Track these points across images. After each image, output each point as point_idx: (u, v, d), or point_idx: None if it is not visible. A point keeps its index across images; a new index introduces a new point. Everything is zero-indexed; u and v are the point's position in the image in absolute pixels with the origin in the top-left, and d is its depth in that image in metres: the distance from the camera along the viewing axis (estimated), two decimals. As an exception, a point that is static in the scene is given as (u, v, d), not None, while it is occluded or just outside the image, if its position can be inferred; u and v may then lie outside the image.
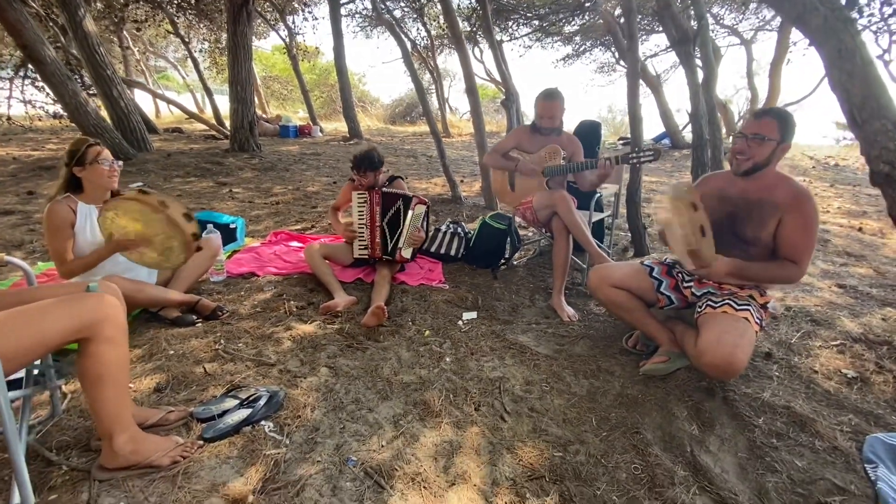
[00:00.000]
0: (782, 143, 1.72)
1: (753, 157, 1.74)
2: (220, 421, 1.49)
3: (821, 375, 1.90)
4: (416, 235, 2.63)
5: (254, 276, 2.74)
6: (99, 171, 1.97)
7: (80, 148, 1.95)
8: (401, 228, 2.59)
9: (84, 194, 2.00)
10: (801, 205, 1.68)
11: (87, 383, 1.20)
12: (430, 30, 13.09)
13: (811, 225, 1.68)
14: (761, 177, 1.77)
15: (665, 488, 1.33)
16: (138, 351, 1.89)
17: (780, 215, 1.71)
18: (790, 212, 1.69)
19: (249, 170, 5.95)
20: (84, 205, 1.98)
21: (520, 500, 1.28)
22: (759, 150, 1.72)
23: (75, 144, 1.96)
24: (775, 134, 1.71)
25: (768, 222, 1.72)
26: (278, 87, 19.80)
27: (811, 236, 1.68)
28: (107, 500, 1.19)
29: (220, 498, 1.21)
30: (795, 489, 1.35)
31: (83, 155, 1.94)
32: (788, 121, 1.73)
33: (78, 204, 1.97)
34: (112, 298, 1.22)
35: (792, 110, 13.91)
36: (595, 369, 1.93)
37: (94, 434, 1.39)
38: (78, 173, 1.96)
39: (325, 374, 1.81)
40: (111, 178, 2.02)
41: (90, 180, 1.98)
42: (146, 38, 15.41)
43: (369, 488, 1.29)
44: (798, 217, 1.68)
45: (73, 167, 1.94)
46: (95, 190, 2.01)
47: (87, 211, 1.98)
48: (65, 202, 1.94)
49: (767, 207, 1.73)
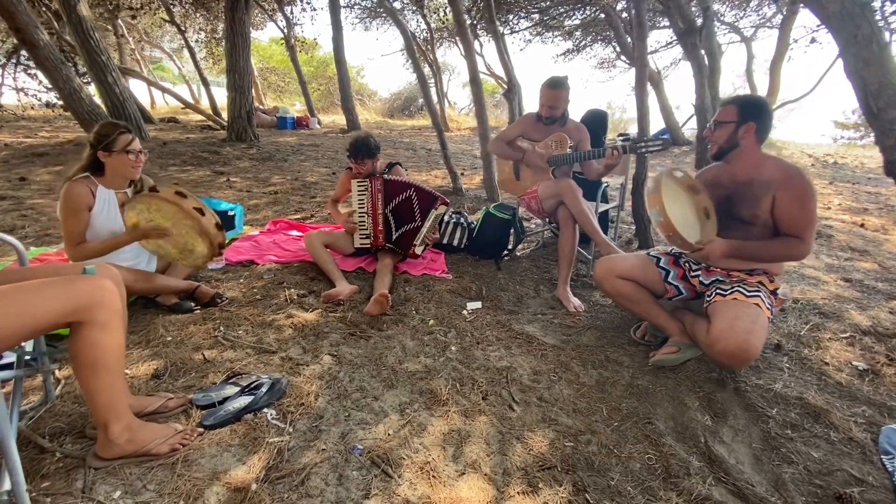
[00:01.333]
0: (744, 124, 1.76)
1: (716, 142, 1.83)
2: (220, 408, 1.44)
3: (832, 367, 1.87)
4: (432, 235, 2.61)
5: (253, 263, 2.68)
6: (125, 161, 1.90)
7: (112, 133, 1.87)
8: (418, 224, 2.55)
9: (104, 178, 1.94)
10: (790, 179, 1.70)
11: (80, 370, 1.14)
12: (429, 22, 12.97)
13: (805, 197, 1.68)
14: (744, 158, 1.81)
15: (680, 479, 1.30)
16: (135, 337, 1.84)
17: (772, 193, 1.72)
18: (782, 188, 1.70)
19: (247, 159, 5.86)
20: (104, 189, 1.92)
21: (532, 490, 1.24)
22: (719, 133, 1.81)
23: (106, 128, 1.88)
24: (733, 117, 1.78)
25: (761, 200, 1.73)
26: (275, 80, 19.59)
27: (808, 209, 1.68)
28: (102, 489, 1.14)
29: (222, 486, 1.17)
30: (812, 480, 1.32)
31: (113, 141, 1.87)
32: (749, 103, 1.80)
33: (98, 187, 1.91)
34: (109, 282, 1.16)
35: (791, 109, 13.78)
36: (603, 359, 1.90)
37: (89, 421, 1.34)
38: (102, 158, 1.89)
39: (328, 362, 1.77)
40: (135, 169, 1.95)
41: (113, 167, 1.91)
42: (141, 27, 15.19)
43: (376, 477, 1.24)
44: (790, 191, 1.69)
45: (99, 150, 1.87)
46: (116, 177, 1.95)
47: (106, 196, 1.92)
48: (85, 183, 1.88)
49: (757, 186, 1.75)
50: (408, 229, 2.58)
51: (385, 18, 13.63)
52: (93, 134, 1.89)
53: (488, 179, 4.42)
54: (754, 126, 1.75)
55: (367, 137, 2.59)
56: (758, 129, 1.76)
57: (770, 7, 10.48)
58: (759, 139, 1.78)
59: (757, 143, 1.79)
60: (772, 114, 1.82)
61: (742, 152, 1.79)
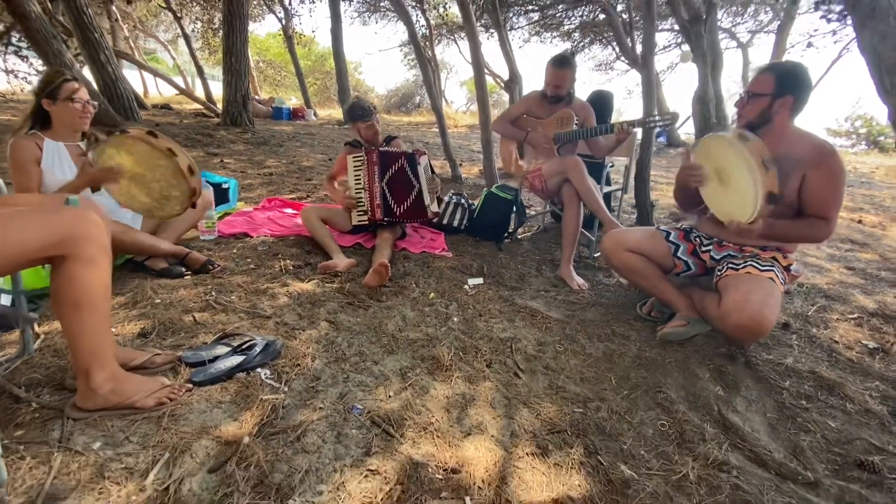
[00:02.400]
0: (780, 98, 1.60)
1: (746, 116, 1.67)
2: (210, 366, 1.35)
3: (842, 345, 1.84)
4: (432, 185, 2.54)
5: (246, 236, 2.59)
6: (70, 110, 1.80)
7: (55, 80, 1.78)
8: (418, 186, 2.48)
9: (52, 131, 1.84)
10: (824, 158, 1.59)
11: (62, 309, 1.05)
12: (429, 18, 12.93)
13: (838, 177, 1.59)
14: (774, 135, 1.65)
15: (695, 444, 1.24)
16: (122, 298, 1.74)
17: (802, 171, 1.61)
18: (814, 167, 1.59)
19: (241, 143, 5.75)
20: (51, 141, 1.82)
21: (542, 452, 1.18)
22: (750, 107, 1.65)
23: (49, 75, 1.79)
24: (769, 88, 1.61)
25: (790, 178, 1.62)
26: (272, 73, 19.43)
27: (838, 190, 1.60)
28: (81, 439, 1.05)
29: (212, 440, 1.09)
30: (832, 448, 1.27)
31: (57, 88, 1.78)
32: (789, 72, 1.63)
33: (45, 140, 1.81)
34: (94, 216, 1.08)
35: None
36: (609, 333, 1.84)
37: (69, 373, 1.25)
38: (47, 107, 1.79)
39: (325, 327, 1.69)
40: (83, 119, 1.85)
41: (59, 117, 1.82)
42: (136, 15, 14.96)
43: (377, 436, 1.17)
44: (823, 171, 1.58)
45: (42, 98, 1.78)
46: (64, 128, 1.85)
47: (54, 147, 1.82)
48: (31, 138, 1.79)
49: (787, 163, 1.62)
50: (416, 196, 2.51)
51: (384, 13, 13.57)
52: (38, 82, 1.80)
53: (488, 167, 4.36)
54: (791, 100, 1.60)
55: (356, 99, 2.60)
56: (794, 103, 1.62)
57: (767, 13, 10.60)
58: (794, 114, 1.65)
59: (791, 118, 1.65)
60: (812, 85, 1.67)
61: (773, 129, 1.65)
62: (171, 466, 1.00)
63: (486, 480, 1.07)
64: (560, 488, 1.06)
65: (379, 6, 13.14)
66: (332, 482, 1.02)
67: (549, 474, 1.11)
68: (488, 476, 1.08)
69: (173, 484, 0.96)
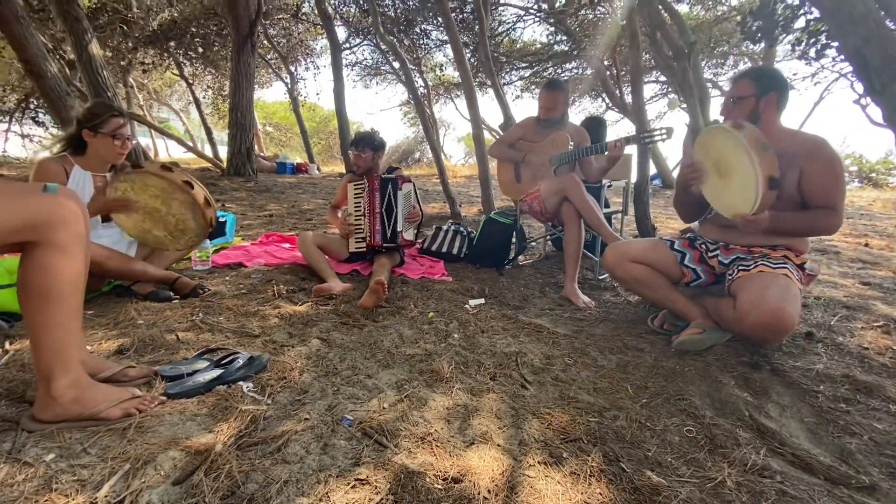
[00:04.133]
0: (764, 97, 1.66)
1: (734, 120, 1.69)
2: (189, 379, 1.24)
3: (872, 352, 1.70)
4: (412, 213, 2.49)
5: (241, 266, 2.53)
6: (109, 144, 1.83)
7: (103, 114, 1.81)
8: (395, 211, 2.44)
9: (83, 159, 1.84)
10: (818, 150, 1.60)
11: (28, 301, 0.97)
12: (426, 80, 13.69)
13: (835, 166, 1.58)
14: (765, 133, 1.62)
15: (729, 450, 1.10)
16: (102, 319, 1.65)
17: (798, 165, 1.61)
18: (809, 160, 1.60)
19: (244, 191, 5.85)
20: (80, 170, 1.82)
21: (556, 460, 1.04)
22: (738, 111, 1.70)
23: (98, 107, 1.82)
24: (750, 90, 1.68)
25: (786, 173, 1.61)
26: (278, 135, 20.32)
27: (839, 178, 1.59)
28: (33, 451, 0.93)
29: (181, 450, 0.96)
30: (883, 451, 1.12)
31: (103, 122, 1.80)
32: (765, 72, 1.72)
33: (74, 167, 1.81)
34: (71, 203, 1.02)
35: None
36: (621, 346, 1.72)
37: (32, 386, 1.14)
38: (87, 137, 1.81)
39: (316, 344, 1.58)
40: (120, 155, 1.87)
41: (96, 149, 1.83)
42: (151, 87, 15.93)
43: (368, 447, 1.04)
44: (819, 161, 1.59)
45: (84, 128, 1.79)
46: (97, 160, 1.86)
47: (81, 176, 1.82)
48: (59, 162, 1.79)
49: (782, 159, 1.59)
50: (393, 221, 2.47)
51: (384, 76, 14.40)
52: (83, 110, 1.83)
53: (486, 202, 4.38)
54: (775, 96, 1.66)
55: (370, 131, 2.59)
56: (778, 99, 1.67)
57: (746, 62, 11.19)
58: (780, 110, 1.70)
59: (777, 115, 1.70)
60: (788, 83, 1.75)
61: (762, 128, 1.64)
62: (129, 478, 0.87)
63: (493, 490, 0.93)
64: (578, 497, 0.92)
65: (380, 70, 13.97)
66: (314, 494, 0.88)
67: (564, 483, 0.96)
68: (495, 486, 0.94)
69: (129, 496, 0.83)
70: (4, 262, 1.66)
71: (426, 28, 10.08)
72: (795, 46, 5.71)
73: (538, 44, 11.40)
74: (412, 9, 9.02)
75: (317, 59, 13.09)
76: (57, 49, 7.74)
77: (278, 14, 10.52)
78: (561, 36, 9.75)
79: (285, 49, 11.52)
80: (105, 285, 1.95)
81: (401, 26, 9.42)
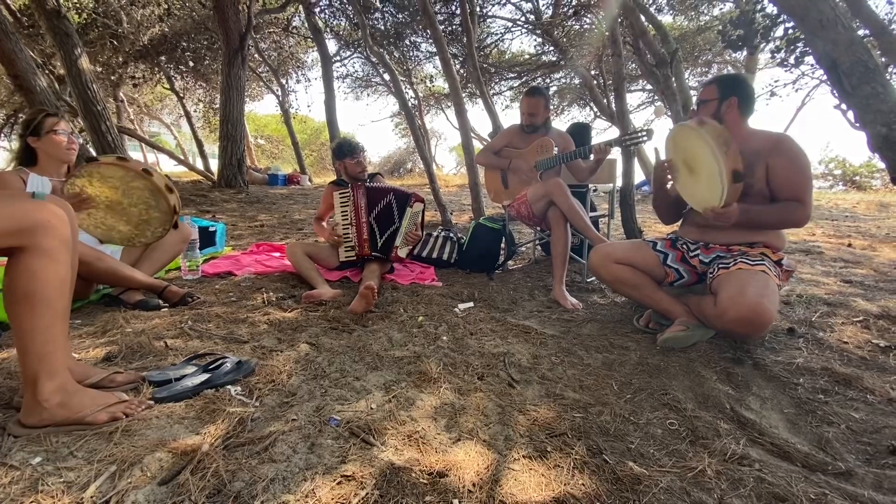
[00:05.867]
0: (726, 100, 1.76)
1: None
2: (176, 384, 1.25)
3: (851, 345, 1.74)
4: (413, 234, 2.49)
5: (231, 275, 2.53)
6: (55, 142, 1.84)
7: (37, 117, 1.84)
8: (396, 226, 2.46)
9: (38, 167, 1.86)
10: (781, 144, 1.68)
11: (13, 306, 0.98)
12: (417, 91, 13.83)
13: (798, 159, 1.66)
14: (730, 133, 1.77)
15: (710, 440, 1.12)
16: (90, 328, 1.65)
17: (764, 161, 1.69)
18: (774, 155, 1.68)
19: (235, 202, 5.85)
20: (36, 176, 1.84)
21: (540, 454, 1.05)
22: (702, 112, 1.81)
23: (32, 114, 1.86)
24: (714, 94, 1.79)
25: (754, 168, 1.69)
26: (270, 147, 20.34)
27: (803, 170, 1.66)
28: (19, 455, 0.93)
29: (168, 452, 0.96)
30: (859, 439, 1.15)
31: (39, 124, 1.83)
32: (728, 78, 1.82)
33: (29, 175, 1.82)
34: (58, 209, 1.04)
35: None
36: (608, 345, 1.75)
37: (17, 391, 1.14)
38: (33, 143, 1.84)
39: (305, 349, 1.59)
40: (69, 151, 1.89)
41: (45, 151, 1.85)
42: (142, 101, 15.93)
43: (355, 445, 1.05)
44: (782, 155, 1.67)
45: (28, 137, 1.82)
46: (51, 162, 1.88)
47: (39, 182, 1.83)
48: (15, 173, 1.80)
49: (747, 155, 1.70)
50: (390, 233, 2.49)
51: (375, 87, 14.54)
52: (21, 123, 1.86)
53: (477, 209, 4.42)
54: (737, 100, 1.76)
55: (343, 138, 2.66)
56: (740, 102, 1.76)
57: (729, 70, 11.44)
58: (743, 113, 1.79)
59: (742, 118, 1.79)
60: (753, 89, 1.84)
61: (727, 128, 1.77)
62: (116, 479, 0.88)
63: (478, 483, 0.94)
64: (561, 487, 0.94)
65: (371, 81, 14.10)
66: (300, 490, 0.89)
67: (548, 475, 0.98)
68: (480, 479, 0.95)
69: (115, 496, 0.83)
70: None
71: (415, 40, 10.23)
72: (775, 54, 5.88)
73: (526, 54, 11.60)
74: (401, 22, 9.15)
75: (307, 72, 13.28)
76: (46, 64, 7.75)
77: (269, 28, 10.62)
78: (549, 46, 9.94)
79: (276, 62, 11.61)
80: (93, 293, 1.95)
81: (390, 39, 9.54)
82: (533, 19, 9.24)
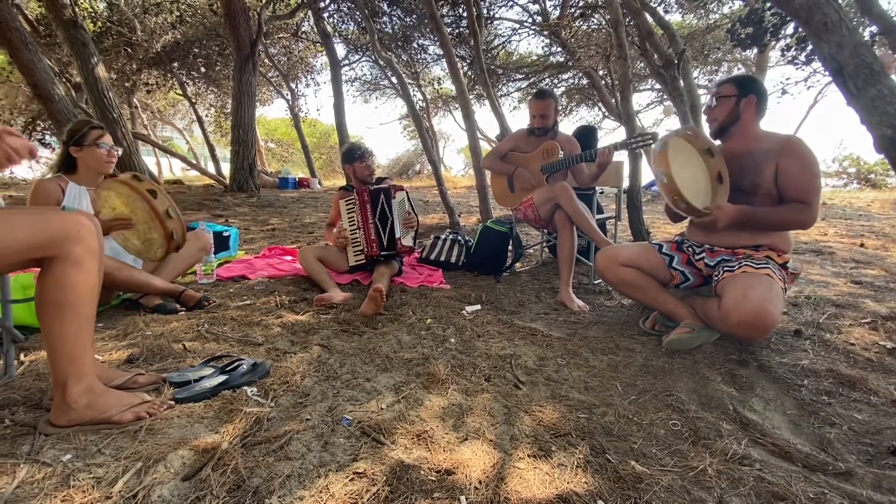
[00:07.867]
0: (744, 98, 1.76)
1: (717, 118, 1.82)
2: (195, 385, 1.30)
3: (858, 347, 1.75)
4: (408, 219, 2.57)
5: (245, 279, 2.60)
6: (96, 155, 1.92)
7: (82, 129, 1.91)
8: (391, 219, 2.51)
9: (77, 175, 1.94)
10: (793, 146, 1.69)
11: (44, 313, 1.04)
12: (425, 93, 13.90)
13: (809, 161, 1.66)
14: (743, 132, 1.80)
15: (712, 441, 1.15)
16: (112, 331, 1.72)
17: (774, 161, 1.69)
18: (785, 156, 1.68)
19: (247, 206, 5.95)
20: (75, 185, 1.91)
21: (544, 453, 1.09)
22: (719, 109, 1.81)
23: (77, 124, 1.93)
24: (733, 92, 1.78)
25: (763, 168, 1.70)
26: (280, 150, 20.57)
27: (813, 173, 1.66)
28: (51, 452, 0.99)
29: (189, 450, 1.02)
30: (861, 440, 1.17)
31: (83, 135, 1.91)
32: (747, 78, 1.83)
33: (69, 184, 1.90)
34: (87, 221, 1.10)
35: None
36: (613, 347, 1.77)
37: (47, 394, 1.21)
38: (74, 153, 1.91)
39: (317, 351, 1.64)
40: (108, 163, 1.97)
41: (85, 162, 1.93)
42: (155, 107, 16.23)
43: (366, 444, 1.09)
44: (793, 157, 1.67)
45: (70, 146, 1.90)
46: (89, 172, 1.95)
47: (77, 191, 1.91)
48: (54, 181, 1.88)
49: (757, 154, 1.73)
50: (389, 227, 2.53)
51: (383, 91, 14.63)
52: (66, 132, 1.93)
53: (484, 211, 4.46)
54: (755, 99, 1.76)
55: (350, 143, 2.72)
56: (758, 102, 1.77)
57: (739, 69, 11.34)
58: (758, 112, 1.79)
59: (756, 118, 1.79)
60: (766, 91, 1.84)
61: (741, 127, 1.79)
62: (142, 475, 0.93)
63: (484, 481, 0.98)
64: (564, 485, 0.97)
65: (379, 85, 14.20)
66: (315, 486, 0.94)
67: (552, 473, 1.01)
68: (486, 477, 0.99)
69: (142, 491, 0.89)
70: (18, 278, 1.74)
71: (423, 43, 10.28)
72: (785, 52, 5.83)
73: (534, 55, 11.61)
74: (409, 25, 9.21)
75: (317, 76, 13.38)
76: (64, 72, 7.96)
77: (278, 33, 10.76)
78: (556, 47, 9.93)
79: (286, 67, 11.76)
80: (114, 299, 2.03)
81: (398, 42, 9.61)
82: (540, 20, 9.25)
